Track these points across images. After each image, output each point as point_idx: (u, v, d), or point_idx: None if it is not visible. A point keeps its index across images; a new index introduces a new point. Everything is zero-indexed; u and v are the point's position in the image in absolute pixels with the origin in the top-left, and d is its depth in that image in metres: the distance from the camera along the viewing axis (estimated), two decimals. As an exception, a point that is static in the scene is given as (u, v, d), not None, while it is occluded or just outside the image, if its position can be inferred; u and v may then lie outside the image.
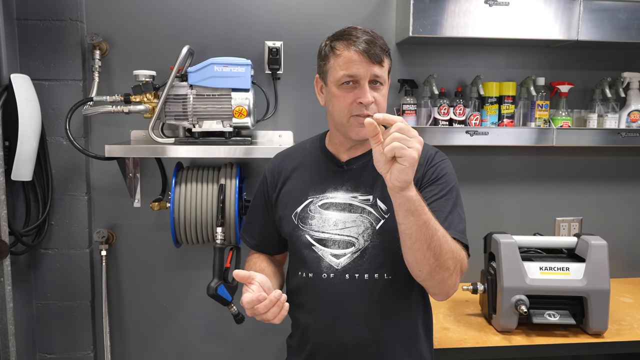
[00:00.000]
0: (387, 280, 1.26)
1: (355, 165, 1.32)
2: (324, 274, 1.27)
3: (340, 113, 1.25)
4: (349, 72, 1.21)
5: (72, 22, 1.86)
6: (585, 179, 2.19)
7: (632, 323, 1.76)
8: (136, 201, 2.01)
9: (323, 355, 1.30)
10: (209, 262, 1.78)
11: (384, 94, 1.25)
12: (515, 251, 1.68)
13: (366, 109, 1.22)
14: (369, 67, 1.21)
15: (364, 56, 1.20)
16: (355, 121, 1.23)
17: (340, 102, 1.24)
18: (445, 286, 1.17)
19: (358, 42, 1.21)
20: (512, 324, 1.66)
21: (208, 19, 1.95)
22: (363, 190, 1.29)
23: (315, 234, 1.29)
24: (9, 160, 1.69)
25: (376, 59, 1.21)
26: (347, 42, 1.22)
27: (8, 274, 1.68)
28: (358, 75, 1.21)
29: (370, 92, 1.21)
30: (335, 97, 1.25)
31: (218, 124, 1.80)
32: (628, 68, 2.07)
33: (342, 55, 1.22)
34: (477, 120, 1.99)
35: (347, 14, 1.98)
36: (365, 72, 1.21)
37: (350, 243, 1.27)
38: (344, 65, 1.22)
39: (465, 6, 1.80)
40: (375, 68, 1.21)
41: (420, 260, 1.12)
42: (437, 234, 1.10)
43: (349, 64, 1.21)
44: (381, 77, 1.23)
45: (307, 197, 1.32)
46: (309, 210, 1.31)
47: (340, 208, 1.29)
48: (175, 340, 2.09)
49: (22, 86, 1.70)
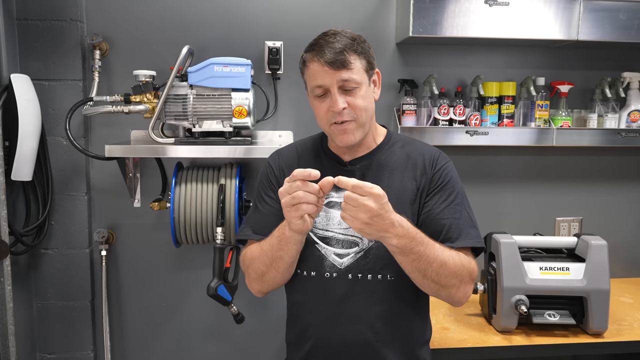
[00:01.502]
0: (390, 282, 1.26)
1: (359, 165, 1.32)
2: (327, 273, 1.27)
3: (321, 122, 1.29)
4: (317, 83, 1.24)
5: (72, 22, 1.86)
6: (585, 179, 2.19)
7: (632, 323, 1.76)
8: (136, 201, 2.01)
9: (323, 353, 1.30)
10: (209, 262, 1.78)
11: (362, 94, 1.24)
12: (515, 251, 1.68)
13: (340, 115, 1.23)
14: (334, 75, 1.21)
15: (327, 66, 1.20)
16: (335, 129, 1.26)
17: (318, 112, 1.27)
18: (455, 298, 1.24)
19: (322, 52, 1.21)
20: (512, 324, 1.66)
21: (208, 19, 1.95)
22: None
23: (319, 232, 1.29)
24: (9, 160, 1.69)
25: (340, 65, 1.20)
26: (312, 53, 1.24)
27: (8, 274, 1.68)
28: (324, 84, 1.23)
29: (343, 97, 1.22)
30: (314, 108, 1.29)
31: (218, 124, 1.80)
32: (628, 68, 2.06)
33: (310, 68, 1.25)
34: (477, 120, 1.99)
35: (347, 14, 1.98)
36: (330, 80, 1.21)
37: (354, 243, 1.27)
38: (311, 77, 1.25)
39: (465, 6, 1.80)
40: (342, 73, 1.21)
41: (421, 285, 1.22)
42: (432, 266, 1.15)
43: (315, 75, 1.23)
44: (351, 80, 1.22)
45: None
46: None
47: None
48: (175, 340, 2.09)
49: (22, 86, 1.70)
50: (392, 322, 1.28)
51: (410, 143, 1.38)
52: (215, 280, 1.72)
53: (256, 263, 1.28)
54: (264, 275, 1.28)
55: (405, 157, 1.33)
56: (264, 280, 1.29)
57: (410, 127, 1.96)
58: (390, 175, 1.31)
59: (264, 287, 1.32)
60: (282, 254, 1.22)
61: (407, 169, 1.31)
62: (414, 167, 1.32)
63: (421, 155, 1.33)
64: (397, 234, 1.09)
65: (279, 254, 1.22)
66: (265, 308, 2.08)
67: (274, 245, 1.22)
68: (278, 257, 1.23)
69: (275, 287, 1.33)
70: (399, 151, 1.35)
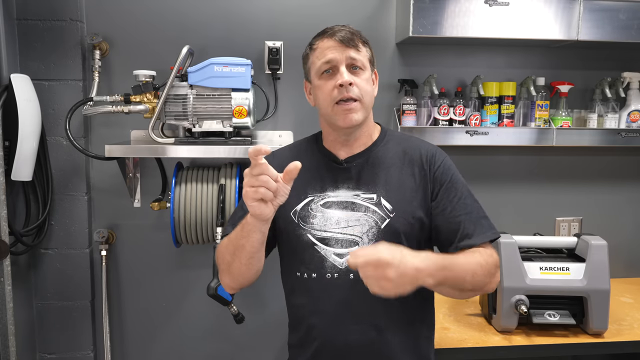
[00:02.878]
0: None
1: (355, 163, 1.32)
2: (328, 274, 1.27)
3: (324, 102, 1.28)
4: (326, 59, 1.26)
5: (72, 22, 1.86)
6: (585, 179, 2.19)
7: (632, 323, 1.76)
8: (136, 201, 2.01)
9: (328, 355, 1.29)
10: (209, 262, 1.78)
11: (366, 78, 1.28)
12: (515, 251, 1.68)
13: (347, 90, 1.24)
14: (344, 51, 1.25)
15: (337, 42, 1.25)
16: (339, 109, 1.26)
17: (323, 91, 1.27)
18: (489, 290, 1.30)
19: (332, 32, 1.27)
20: (512, 324, 1.66)
21: (208, 19, 1.95)
22: (365, 188, 1.29)
23: (317, 233, 1.28)
24: (9, 160, 1.69)
25: (351, 43, 1.26)
26: (322, 35, 1.29)
27: (8, 274, 1.68)
28: (334, 59, 1.25)
29: (350, 75, 1.25)
30: (318, 89, 1.29)
31: (218, 124, 1.80)
32: (628, 68, 2.07)
33: (319, 47, 1.28)
34: (477, 120, 1.99)
35: (347, 14, 1.98)
36: (340, 56, 1.25)
37: (354, 242, 1.27)
38: (320, 55, 1.27)
39: (465, 6, 1.80)
40: (351, 51, 1.25)
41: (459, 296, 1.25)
42: (466, 279, 1.17)
43: (325, 51, 1.26)
44: (359, 61, 1.26)
45: (307, 196, 1.31)
46: (310, 209, 1.30)
47: (343, 206, 1.29)
48: (175, 340, 2.09)
49: (22, 86, 1.70)
50: (396, 320, 1.28)
51: (407, 139, 1.38)
52: (215, 280, 1.71)
53: (223, 252, 1.25)
54: (230, 266, 1.23)
55: (402, 153, 1.33)
56: (231, 272, 1.25)
57: (410, 127, 1.96)
58: (387, 172, 1.30)
59: (232, 280, 1.27)
60: (244, 242, 1.17)
61: (404, 166, 1.31)
62: (411, 163, 1.31)
63: (417, 151, 1.33)
64: (428, 274, 1.07)
65: (241, 242, 1.17)
66: (265, 308, 2.08)
67: (238, 233, 1.18)
68: (240, 245, 1.18)
69: (244, 282, 1.26)
70: (394, 147, 1.34)
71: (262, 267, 1.26)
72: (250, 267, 1.22)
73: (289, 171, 1.06)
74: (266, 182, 1.04)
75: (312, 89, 1.33)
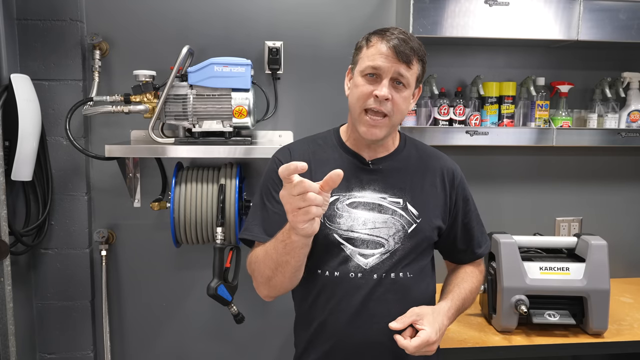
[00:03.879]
0: (409, 279, 1.28)
1: (382, 166, 1.32)
2: (352, 273, 1.27)
3: (356, 102, 1.25)
4: (374, 64, 1.22)
5: (72, 22, 1.86)
6: (585, 179, 2.19)
7: (632, 323, 1.76)
8: (136, 201, 2.01)
9: (342, 353, 1.28)
10: (209, 262, 1.78)
11: (406, 96, 1.25)
12: (515, 251, 1.68)
13: (380, 104, 1.22)
14: (394, 64, 1.21)
15: (392, 51, 1.21)
16: (366, 118, 1.24)
17: (359, 90, 1.24)
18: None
19: (391, 37, 1.22)
20: (512, 324, 1.66)
21: (208, 19, 1.95)
22: (392, 192, 1.30)
23: (344, 232, 1.27)
24: (9, 160, 1.69)
25: (404, 57, 1.21)
26: (381, 36, 1.24)
27: (8, 274, 1.68)
28: (381, 68, 1.21)
29: (390, 89, 1.22)
30: (355, 86, 1.26)
31: (218, 124, 1.80)
32: (628, 68, 2.07)
33: (373, 47, 1.24)
34: (477, 120, 1.99)
35: (347, 14, 1.98)
36: (389, 67, 1.21)
37: (380, 244, 1.27)
38: (371, 57, 1.23)
39: (465, 6, 1.80)
40: (402, 67, 1.21)
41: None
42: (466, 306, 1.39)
43: (376, 56, 1.22)
44: (405, 78, 1.22)
45: (332, 194, 1.24)
46: (337, 209, 1.29)
47: (369, 208, 1.29)
48: (175, 340, 2.09)
49: (22, 86, 1.70)
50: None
51: (422, 147, 1.42)
52: (215, 280, 1.72)
53: (261, 267, 1.23)
54: (270, 280, 1.22)
55: (421, 160, 1.37)
56: (271, 285, 1.23)
57: (410, 127, 1.96)
58: (412, 178, 1.33)
59: (271, 291, 1.26)
60: (288, 259, 1.14)
61: (426, 175, 1.35)
62: (432, 173, 1.36)
63: (437, 162, 1.39)
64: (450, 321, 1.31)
65: (285, 259, 1.15)
66: (266, 308, 2.08)
67: (279, 250, 1.15)
68: (284, 261, 1.15)
69: (284, 292, 1.26)
70: (415, 154, 1.38)
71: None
72: (294, 279, 1.23)
73: (332, 180, 0.99)
74: (314, 199, 0.98)
75: (352, 81, 1.30)
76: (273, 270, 1.19)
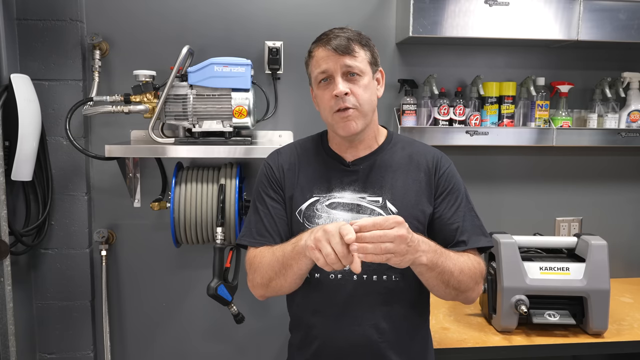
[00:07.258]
0: (394, 282, 1.27)
1: (362, 166, 1.32)
2: (332, 275, 1.27)
3: (324, 112, 1.29)
4: (321, 69, 1.25)
5: (72, 22, 1.86)
6: (585, 179, 2.19)
7: (632, 323, 1.77)
8: (136, 201, 2.01)
9: (328, 355, 1.29)
10: (209, 262, 1.78)
11: (364, 84, 1.26)
12: (515, 251, 1.68)
13: (343, 101, 1.23)
14: (338, 59, 1.23)
15: (331, 51, 1.23)
16: (338, 117, 1.26)
17: (322, 101, 1.28)
18: (470, 299, 1.29)
19: (327, 40, 1.25)
20: (512, 324, 1.66)
21: (208, 19, 1.95)
22: (371, 191, 1.30)
23: None
24: (9, 160, 1.69)
25: (345, 50, 1.23)
26: (318, 43, 1.28)
27: (8, 274, 1.68)
28: (329, 69, 1.24)
29: (345, 84, 1.24)
30: (318, 98, 1.30)
31: (218, 124, 1.80)
32: (628, 68, 2.07)
33: (315, 56, 1.27)
34: (477, 120, 1.99)
35: (347, 14, 1.98)
36: (334, 65, 1.23)
37: None
38: (316, 64, 1.27)
39: (465, 6, 1.80)
40: (346, 59, 1.23)
41: (442, 295, 1.25)
42: (454, 274, 1.19)
43: (320, 61, 1.26)
44: (355, 67, 1.24)
45: (312, 195, 1.31)
46: (316, 209, 1.30)
47: (348, 208, 1.29)
48: (175, 340, 2.09)
49: (22, 86, 1.70)
50: (397, 322, 1.28)
51: (411, 144, 1.39)
52: (215, 280, 1.72)
53: (265, 268, 1.24)
54: (270, 281, 1.24)
55: (407, 158, 1.34)
56: (269, 287, 1.26)
57: (410, 127, 1.96)
58: (394, 175, 1.31)
59: (267, 292, 1.28)
60: (292, 263, 1.18)
61: (410, 170, 1.32)
62: (417, 168, 1.32)
63: (423, 157, 1.34)
64: (425, 251, 1.11)
65: (290, 262, 1.18)
66: (265, 308, 2.08)
67: (287, 253, 1.18)
68: (288, 265, 1.19)
69: (279, 294, 1.29)
70: (400, 152, 1.35)
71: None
72: (293, 285, 1.25)
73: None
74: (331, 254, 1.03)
75: (314, 94, 1.34)
76: (276, 272, 1.22)
